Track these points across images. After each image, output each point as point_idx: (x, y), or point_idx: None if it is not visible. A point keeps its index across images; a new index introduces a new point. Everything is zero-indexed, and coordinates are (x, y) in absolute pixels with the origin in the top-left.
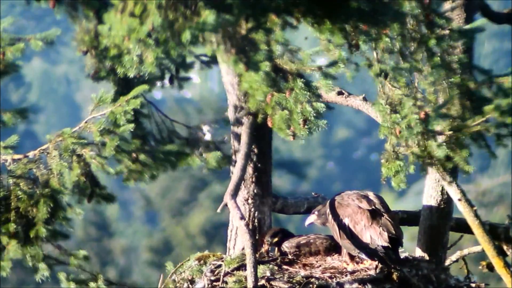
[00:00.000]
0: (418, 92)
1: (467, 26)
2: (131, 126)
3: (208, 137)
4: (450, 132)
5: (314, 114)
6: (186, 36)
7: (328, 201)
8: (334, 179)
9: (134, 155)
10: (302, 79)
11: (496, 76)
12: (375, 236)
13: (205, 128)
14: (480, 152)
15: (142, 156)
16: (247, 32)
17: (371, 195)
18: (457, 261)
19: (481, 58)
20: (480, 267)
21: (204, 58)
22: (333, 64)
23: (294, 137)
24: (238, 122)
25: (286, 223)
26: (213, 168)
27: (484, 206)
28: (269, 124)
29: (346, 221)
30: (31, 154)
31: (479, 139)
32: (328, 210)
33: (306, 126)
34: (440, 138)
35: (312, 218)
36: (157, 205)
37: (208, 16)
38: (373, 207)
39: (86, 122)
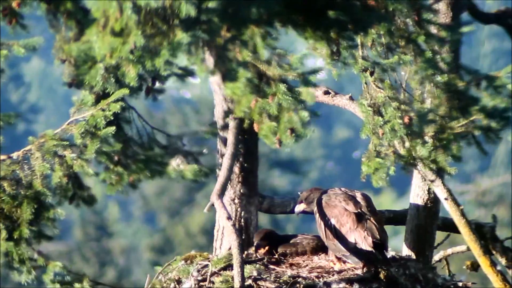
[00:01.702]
0: (403, 92)
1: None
2: (113, 129)
3: (187, 147)
4: (433, 134)
5: (300, 123)
6: (165, 55)
7: (314, 191)
8: (334, 179)
9: (116, 157)
10: (285, 84)
11: (484, 76)
12: (360, 240)
13: (185, 138)
14: (480, 152)
15: (123, 159)
16: (225, 42)
17: (358, 196)
18: (440, 261)
19: (480, 58)
20: (465, 267)
21: (178, 71)
22: (314, 72)
23: (280, 144)
24: (225, 122)
25: (285, 222)
26: (190, 180)
27: (484, 206)
28: (256, 129)
29: (333, 221)
30: (15, 155)
31: (467, 138)
32: (315, 208)
33: (293, 135)
34: (426, 138)
35: (301, 207)
36: (156, 205)
37: (182, 36)
38: (359, 210)
39: (68, 124)
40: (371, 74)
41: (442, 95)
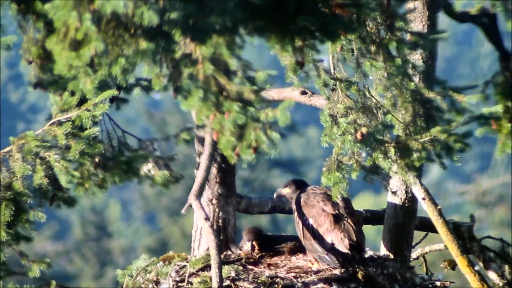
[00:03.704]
0: (370, 99)
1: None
2: (97, 129)
3: (158, 152)
4: (395, 144)
5: (268, 144)
6: (120, 64)
7: (295, 193)
8: None
9: (97, 159)
10: (238, 103)
11: (452, 89)
12: (336, 241)
13: (156, 143)
14: (480, 152)
15: (104, 161)
16: (181, 57)
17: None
18: (417, 258)
19: (480, 58)
20: (442, 265)
21: (143, 83)
22: (260, 89)
23: (239, 159)
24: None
25: (285, 223)
26: (160, 186)
27: (484, 207)
28: (214, 138)
29: (310, 221)
30: None
31: (428, 151)
32: (294, 207)
33: (255, 153)
34: (388, 148)
35: (284, 191)
36: (156, 205)
37: (146, 45)
38: (337, 211)
39: (50, 125)
40: (333, 90)
41: (408, 102)
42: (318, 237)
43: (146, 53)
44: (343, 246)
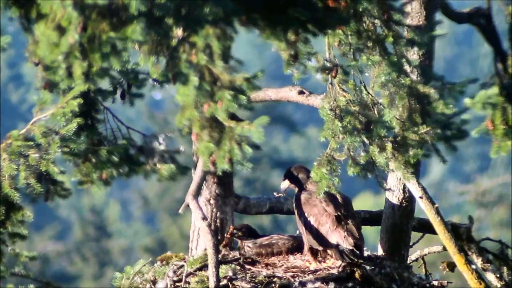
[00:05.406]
0: (367, 94)
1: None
2: (74, 125)
3: (163, 146)
4: (393, 139)
5: (241, 157)
6: (106, 49)
7: (298, 169)
8: None
9: (82, 156)
10: (230, 91)
11: (448, 83)
12: (340, 240)
13: (161, 137)
14: (480, 152)
15: (93, 158)
16: (178, 43)
17: (339, 198)
18: (416, 260)
19: (480, 58)
20: (441, 267)
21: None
22: (255, 77)
23: (214, 166)
24: None
25: (286, 222)
26: (166, 179)
27: (484, 207)
28: (194, 139)
29: (311, 220)
30: None
31: (425, 145)
32: (294, 204)
33: (229, 164)
34: (385, 143)
35: (286, 184)
36: (156, 206)
37: (135, 28)
38: (339, 213)
39: (32, 124)
40: (334, 76)
41: (404, 98)
42: (320, 237)
43: (136, 33)
44: (347, 243)
